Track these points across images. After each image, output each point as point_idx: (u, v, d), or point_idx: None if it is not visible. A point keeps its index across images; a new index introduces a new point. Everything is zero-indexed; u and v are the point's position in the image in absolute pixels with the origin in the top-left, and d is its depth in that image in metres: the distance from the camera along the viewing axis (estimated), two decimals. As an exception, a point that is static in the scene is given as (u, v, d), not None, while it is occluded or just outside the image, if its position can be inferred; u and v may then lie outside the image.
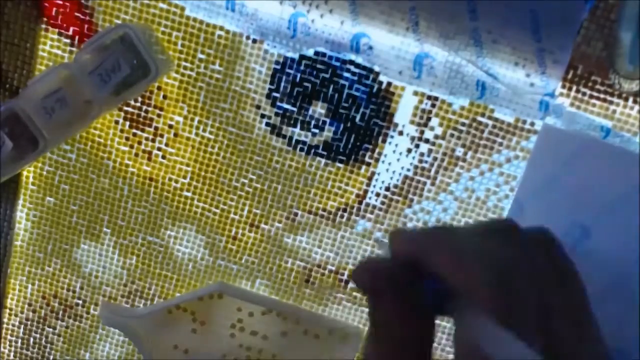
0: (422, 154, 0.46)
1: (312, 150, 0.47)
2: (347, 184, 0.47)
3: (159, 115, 0.47)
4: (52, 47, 0.46)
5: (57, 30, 0.46)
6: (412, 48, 0.43)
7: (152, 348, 0.49)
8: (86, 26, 0.45)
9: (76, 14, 0.45)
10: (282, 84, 0.45)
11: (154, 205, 0.49)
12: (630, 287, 0.39)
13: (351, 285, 0.49)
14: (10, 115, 0.41)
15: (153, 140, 0.47)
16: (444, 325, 0.49)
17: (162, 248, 0.50)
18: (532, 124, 0.44)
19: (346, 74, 0.45)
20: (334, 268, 0.49)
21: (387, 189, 0.47)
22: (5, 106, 0.41)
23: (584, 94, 0.43)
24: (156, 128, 0.47)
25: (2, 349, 0.54)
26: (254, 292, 0.50)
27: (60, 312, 0.52)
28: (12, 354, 0.54)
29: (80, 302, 0.52)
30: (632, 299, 0.39)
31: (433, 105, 0.45)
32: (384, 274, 0.26)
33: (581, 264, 0.41)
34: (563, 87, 0.43)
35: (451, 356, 0.50)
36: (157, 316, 0.49)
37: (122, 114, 0.47)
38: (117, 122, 0.47)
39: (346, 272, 0.49)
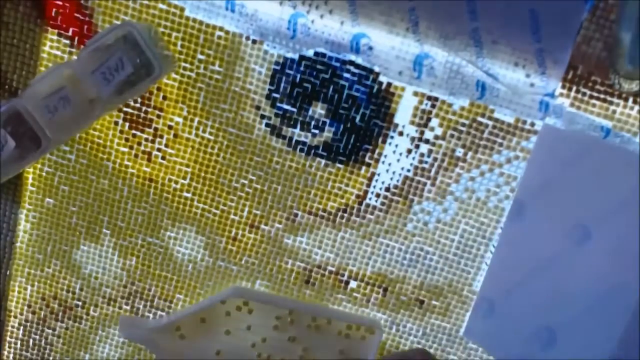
0: (422, 155, 0.46)
1: (312, 151, 0.47)
2: (347, 185, 0.47)
3: (158, 116, 0.47)
4: (52, 48, 0.46)
5: (56, 31, 0.46)
6: (412, 48, 0.43)
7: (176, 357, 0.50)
8: (86, 27, 0.45)
9: (76, 14, 0.45)
10: (282, 85, 0.45)
11: (154, 206, 0.49)
12: (632, 288, 0.39)
13: (351, 286, 0.49)
14: (13, 114, 0.41)
15: (153, 141, 0.47)
16: (444, 326, 0.49)
17: (162, 249, 0.50)
18: (532, 124, 0.44)
19: (346, 75, 0.45)
20: (334, 269, 0.49)
21: (387, 189, 0.47)
22: (8, 105, 0.41)
23: (584, 94, 0.43)
24: (156, 129, 0.47)
25: (1, 351, 0.53)
26: (269, 293, 0.50)
27: (60, 314, 0.52)
28: (11, 355, 0.53)
29: (80, 303, 0.52)
30: (633, 300, 0.39)
31: (433, 106, 0.45)
32: None
33: (582, 265, 0.41)
34: (563, 87, 0.43)
35: (452, 357, 0.50)
36: (187, 325, 0.49)
37: (122, 114, 0.47)
38: (116, 123, 0.47)
39: (346, 273, 0.49)
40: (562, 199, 0.43)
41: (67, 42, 0.46)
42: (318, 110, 0.46)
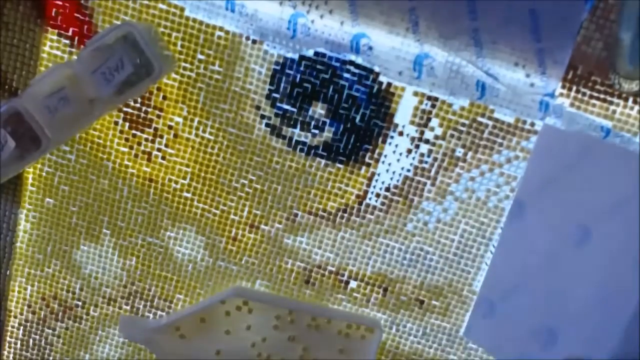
0: (422, 155, 0.46)
1: (312, 151, 0.47)
2: (347, 185, 0.47)
3: (158, 116, 0.47)
4: (52, 48, 0.46)
5: (56, 31, 0.46)
6: (412, 48, 0.43)
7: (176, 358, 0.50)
8: (85, 27, 0.45)
9: (76, 14, 0.45)
10: (282, 85, 0.45)
11: (154, 206, 0.49)
12: (632, 289, 0.39)
13: (351, 286, 0.49)
14: (13, 114, 0.41)
15: (153, 141, 0.47)
16: (444, 326, 0.49)
17: (162, 249, 0.50)
18: (532, 124, 0.44)
19: (346, 75, 0.45)
20: (334, 269, 0.49)
21: (387, 189, 0.47)
22: (8, 105, 0.41)
23: (584, 94, 0.43)
24: (156, 129, 0.47)
25: (1, 351, 0.53)
26: (269, 293, 0.50)
27: (60, 314, 0.52)
28: (11, 355, 0.53)
29: (80, 303, 0.52)
30: (634, 300, 0.39)
31: (433, 106, 0.45)
32: None
33: (582, 266, 0.41)
34: (563, 87, 0.43)
35: (452, 357, 0.50)
36: (187, 324, 0.49)
37: (122, 114, 0.47)
38: (116, 123, 0.47)
39: (346, 273, 0.49)
40: (562, 199, 0.43)
41: (67, 42, 0.46)
42: (318, 110, 0.46)
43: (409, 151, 0.46)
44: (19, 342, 0.53)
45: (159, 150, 0.48)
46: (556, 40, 0.42)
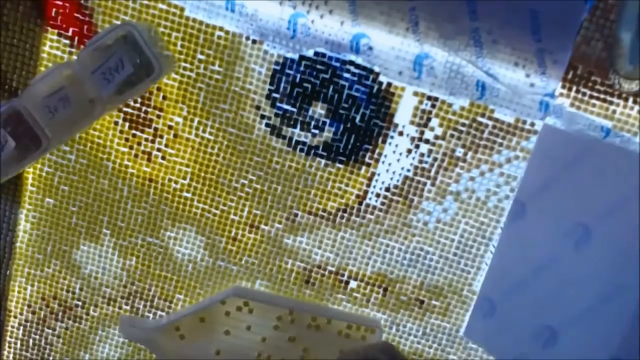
0: (422, 155, 0.46)
1: (312, 151, 0.47)
2: (347, 185, 0.47)
3: (158, 116, 0.47)
4: (52, 48, 0.46)
5: (56, 31, 0.46)
6: (412, 48, 0.43)
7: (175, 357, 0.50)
8: (85, 27, 0.45)
9: (76, 14, 0.45)
10: (282, 85, 0.45)
11: (154, 206, 0.49)
12: (632, 288, 0.39)
13: (351, 286, 0.49)
14: (13, 113, 0.41)
15: (153, 141, 0.47)
16: (444, 326, 0.49)
17: (162, 249, 0.50)
18: (532, 124, 0.44)
19: (346, 75, 0.45)
20: (334, 269, 0.49)
21: (387, 189, 0.47)
22: (8, 105, 0.41)
23: (584, 94, 0.43)
24: (156, 129, 0.47)
25: (1, 351, 0.53)
26: (269, 293, 0.50)
27: (60, 314, 0.52)
28: (11, 355, 0.53)
29: (80, 303, 0.52)
30: (634, 300, 0.39)
31: (433, 106, 0.45)
32: None
33: (583, 265, 0.41)
34: (563, 87, 0.43)
35: (452, 357, 0.50)
36: (187, 324, 0.49)
37: (122, 114, 0.47)
38: (116, 123, 0.47)
39: (346, 273, 0.49)
40: (562, 199, 0.43)
41: (67, 42, 0.46)
42: (318, 110, 0.46)
43: (409, 151, 0.46)
44: (19, 342, 0.53)
45: (159, 150, 0.48)
46: (556, 40, 0.42)
